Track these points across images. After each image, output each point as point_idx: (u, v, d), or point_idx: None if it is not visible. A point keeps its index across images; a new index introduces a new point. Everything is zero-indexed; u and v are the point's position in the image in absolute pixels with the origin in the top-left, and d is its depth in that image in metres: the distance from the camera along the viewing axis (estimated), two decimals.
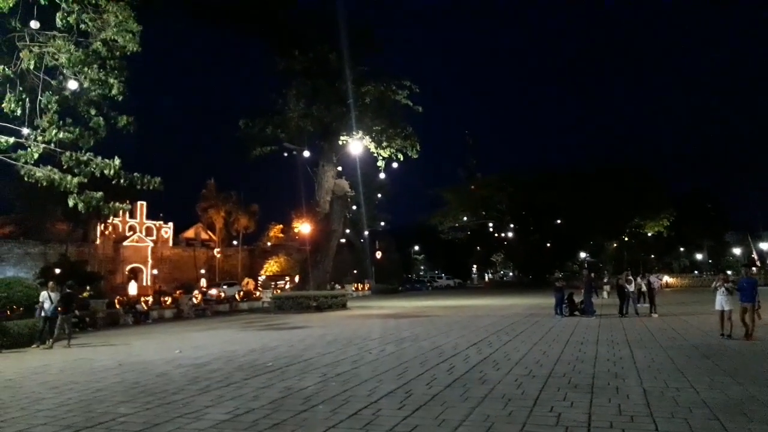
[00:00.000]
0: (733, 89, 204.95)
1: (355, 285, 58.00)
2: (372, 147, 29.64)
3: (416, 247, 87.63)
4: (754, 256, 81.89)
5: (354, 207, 40.57)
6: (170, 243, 66.44)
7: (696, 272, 76.44)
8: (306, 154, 30.83)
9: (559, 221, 68.96)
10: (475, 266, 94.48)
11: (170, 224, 66.54)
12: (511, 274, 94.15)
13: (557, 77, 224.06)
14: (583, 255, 77.56)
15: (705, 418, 6.44)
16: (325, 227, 31.37)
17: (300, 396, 8.04)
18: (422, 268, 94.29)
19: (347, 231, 52.57)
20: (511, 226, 73.93)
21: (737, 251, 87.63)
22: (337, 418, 6.71)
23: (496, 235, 77.11)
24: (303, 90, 29.94)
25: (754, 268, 70.68)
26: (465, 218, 73.29)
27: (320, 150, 31.33)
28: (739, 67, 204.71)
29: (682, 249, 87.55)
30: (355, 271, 66.08)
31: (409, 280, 76.01)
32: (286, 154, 30.93)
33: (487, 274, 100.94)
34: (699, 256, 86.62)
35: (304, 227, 32.28)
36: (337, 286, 45.92)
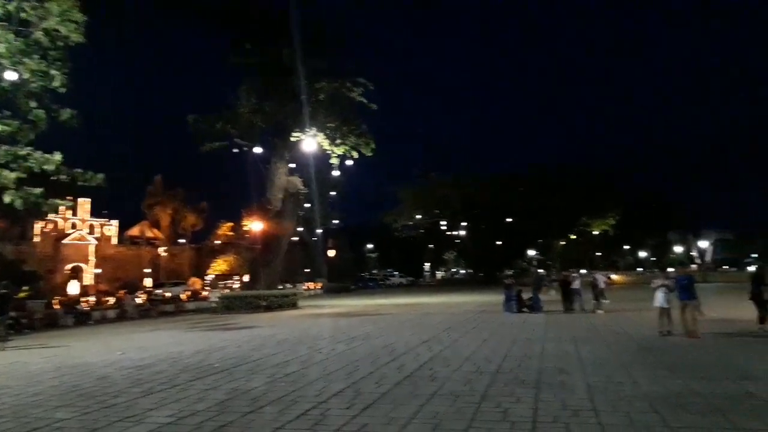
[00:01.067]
0: (684, 96, 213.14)
1: (307, 284, 57.60)
2: (326, 144, 29.39)
3: (369, 246, 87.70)
4: (694, 253, 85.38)
5: (306, 205, 40.13)
6: (114, 241, 64.34)
7: (639, 269, 79.15)
8: (258, 150, 30.29)
9: (510, 220, 70.23)
10: (427, 264, 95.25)
11: (114, 222, 64.40)
12: (462, 271, 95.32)
13: (513, 78, 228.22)
14: (532, 253, 79.19)
15: (645, 411, 6.61)
16: (277, 225, 30.95)
17: (247, 397, 7.92)
18: (375, 266, 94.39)
19: (299, 229, 52.06)
20: (464, 224, 74.81)
21: (679, 249, 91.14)
22: (285, 419, 6.64)
23: (448, 233, 77.90)
24: (255, 85, 29.44)
25: (693, 266, 73.78)
26: (419, 216, 73.73)
27: (272, 146, 30.87)
28: (691, 74, 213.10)
29: (626, 247, 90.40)
30: (307, 270, 65.62)
31: (362, 278, 75.98)
32: (236, 151, 30.32)
33: (440, 271, 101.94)
34: (643, 254, 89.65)
35: (254, 225, 31.75)
36: (288, 285, 45.44)
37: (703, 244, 75.86)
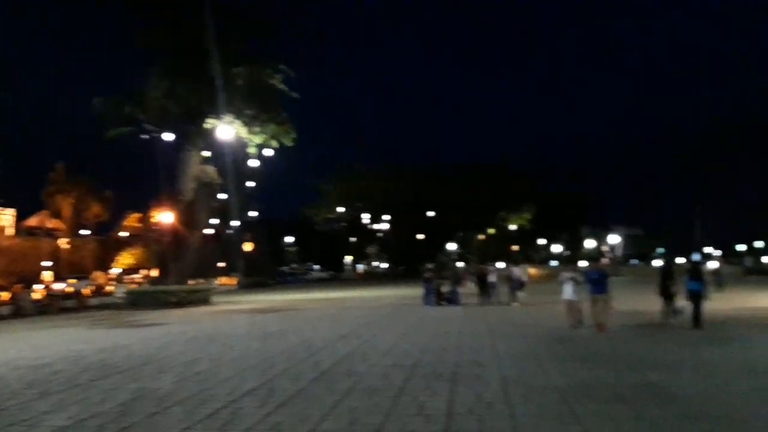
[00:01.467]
0: (596, 97, 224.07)
1: (221, 279, 56.01)
2: (243, 132, 28.45)
3: (289, 239, 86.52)
4: (605, 248, 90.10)
5: (221, 195, 38.89)
6: (10, 231, 59.93)
7: (553, 263, 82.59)
8: (169, 137, 28.91)
9: (431, 214, 71.34)
10: (349, 258, 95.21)
11: (11, 210, 60.00)
12: (384, 265, 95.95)
13: (438, 74, 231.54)
14: (453, 247, 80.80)
15: (555, 401, 6.79)
16: (189, 217, 29.76)
17: (153, 397, 7.58)
18: (295, 260, 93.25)
19: (213, 221, 50.43)
20: (386, 218, 75.24)
21: (591, 244, 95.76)
22: (193, 419, 6.38)
23: (370, 226, 78.13)
24: (167, 68, 28.03)
25: (605, 260, 77.82)
26: (340, 209, 73.41)
27: (185, 133, 29.53)
28: (606, 77, 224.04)
29: (541, 241, 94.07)
30: (221, 264, 63.78)
31: (281, 272, 74.79)
32: (146, 137, 28.83)
33: (361, 265, 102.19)
34: (557, 248, 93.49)
35: (164, 217, 30.36)
36: (201, 280, 43.94)
37: (614, 239, 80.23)
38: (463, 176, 68.82)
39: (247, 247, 65.22)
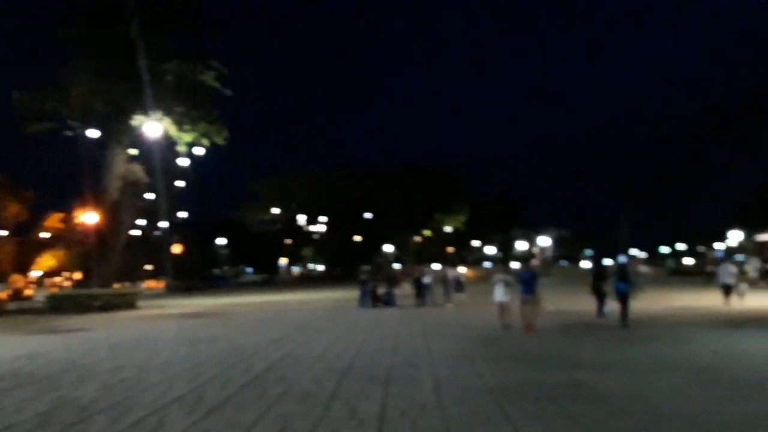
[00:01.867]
0: (525, 106, 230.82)
1: (149, 282, 54.09)
2: (172, 130, 27.49)
3: (221, 241, 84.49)
4: (536, 249, 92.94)
5: (149, 195, 37.47)
6: None
7: (487, 264, 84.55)
8: (94, 134, 27.59)
9: (368, 215, 71.41)
10: (283, 260, 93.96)
11: None
12: (320, 268, 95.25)
13: (375, 77, 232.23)
14: (389, 249, 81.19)
15: (487, 402, 6.87)
16: (114, 217, 28.47)
17: (74, 406, 7.22)
18: (227, 262, 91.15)
19: (140, 222, 48.58)
20: (322, 219, 74.74)
21: (523, 245, 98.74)
22: (117, 428, 6.15)
23: (306, 228, 77.40)
24: (91, 62, 26.73)
25: (535, 261, 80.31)
26: (275, 211, 72.28)
27: (110, 130, 28.24)
28: (535, 88, 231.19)
29: (476, 243, 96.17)
30: (149, 267, 61.56)
31: (212, 276, 72.92)
32: (69, 134, 27.39)
33: (297, 268, 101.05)
34: (490, 250, 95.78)
35: (88, 217, 28.94)
36: (127, 284, 42.32)
37: (544, 240, 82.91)
38: (399, 178, 69.30)
39: (176, 249, 63.16)
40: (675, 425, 5.72)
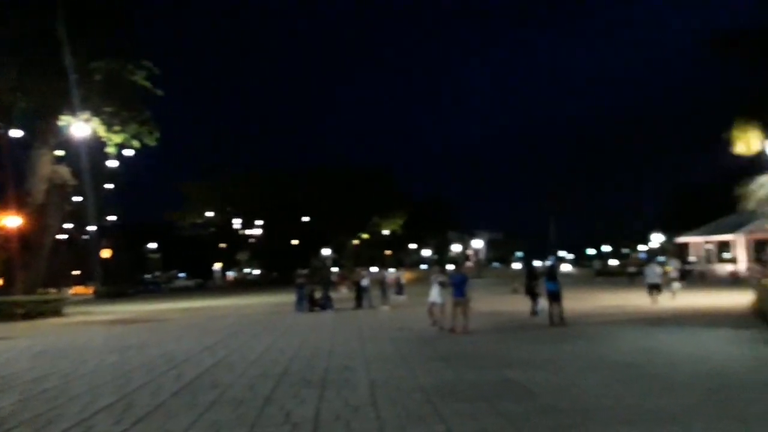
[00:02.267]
0: (455, 112, 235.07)
1: (76, 288, 51.72)
2: (101, 131, 26.40)
3: (152, 245, 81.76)
4: (470, 252, 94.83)
5: (77, 198, 35.83)
6: None
7: (423, 267, 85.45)
8: (17, 133, 26.15)
9: (305, 219, 70.79)
10: (218, 265, 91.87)
11: None
12: (257, 272, 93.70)
13: (309, 77, 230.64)
14: (327, 252, 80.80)
15: (421, 402, 6.98)
16: (38, 221, 27.07)
17: None
18: (159, 267, 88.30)
19: (67, 226, 46.39)
20: (258, 223, 73.51)
21: (457, 248, 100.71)
22: None
23: (242, 232, 75.95)
24: (15, 59, 25.32)
25: (469, 263, 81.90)
26: (209, 214, 70.50)
27: (35, 130, 26.84)
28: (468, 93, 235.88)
29: (413, 246, 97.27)
30: (76, 272, 58.81)
31: (143, 281, 70.43)
32: None
33: (232, 272, 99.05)
34: (427, 253, 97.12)
35: (10, 221, 27.37)
36: (52, 290, 40.25)
37: (477, 243, 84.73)
38: (336, 181, 69.09)
39: (106, 253, 60.58)
40: (599, 420, 5.98)
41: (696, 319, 15.58)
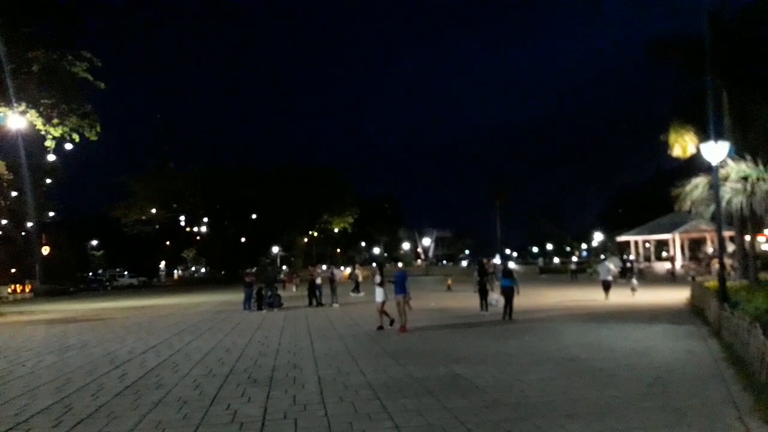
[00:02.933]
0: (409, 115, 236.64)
1: (13, 286, 49.51)
2: (39, 123, 25.30)
3: (94, 242, 79.02)
4: (419, 249, 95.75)
5: (13, 193, 34.34)
6: None
7: (374, 264, 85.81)
8: None
9: (254, 216, 69.79)
10: (163, 263, 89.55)
11: None
12: (203, 270, 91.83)
13: (259, 74, 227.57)
14: (276, 249, 79.95)
15: (369, 399, 7.03)
16: None
17: None
18: (101, 265, 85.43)
19: (3, 222, 44.39)
20: (205, 220, 72.02)
21: (406, 245, 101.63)
22: None
23: (188, 229, 74.28)
24: None
25: (419, 261, 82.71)
26: (154, 211, 68.55)
27: None
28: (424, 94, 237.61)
29: (363, 243, 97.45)
30: (13, 270, 56.29)
31: (85, 279, 67.98)
32: None
33: (177, 270, 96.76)
34: (377, 250, 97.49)
35: None
36: None
37: (426, 241, 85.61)
38: (286, 178, 68.37)
39: (45, 251, 58.13)
40: (543, 414, 6.15)
41: (636, 315, 16.18)
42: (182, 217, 72.26)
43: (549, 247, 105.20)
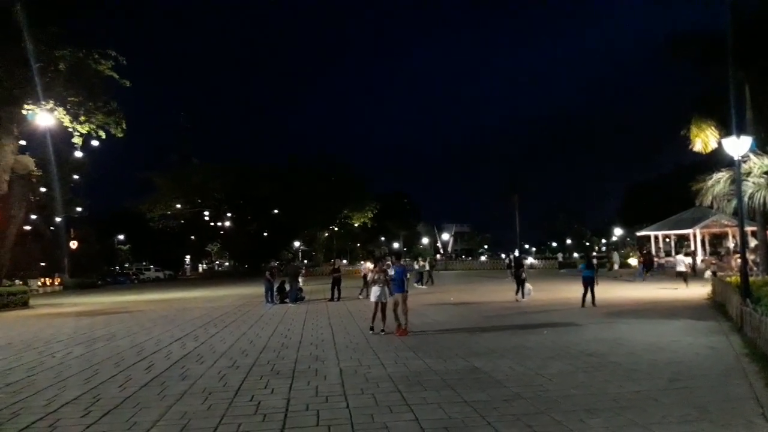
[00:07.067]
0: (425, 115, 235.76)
1: (43, 280, 50.61)
2: (66, 121, 25.80)
3: (121, 237, 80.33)
4: (439, 244, 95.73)
5: (42, 189, 35.02)
6: None
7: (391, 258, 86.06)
8: None
9: (276, 211, 70.37)
10: (188, 257, 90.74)
11: None
12: (227, 264, 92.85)
13: (272, 69, 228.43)
14: (297, 244, 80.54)
15: (389, 391, 7.12)
16: (2, 212, 26.42)
17: None
18: (128, 259, 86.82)
19: (32, 217, 45.33)
20: (228, 215, 72.76)
21: (426, 240, 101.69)
22: None
23: (212, 224, 75.12)
24: None
25: (438, 256, 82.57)
26: (179, 206, 69.47)
27: None
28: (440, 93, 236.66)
29: (383, 238, 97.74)
30: (43, 264, 57.56)
31: (112, 273, 69.22)
32: None
33: (202, 264, 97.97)
34: (396, 245, 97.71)
35: None
36: (18, 282, 39.38)
37: (445, 236, 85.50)
38: (307, 174, 68.73)
39: (73, 245, 59.34)
40: (563, 408, 6.18)
41: (656, 310, 16.02)
42: (206, 212, 73.09)
43: (568, 242, 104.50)
